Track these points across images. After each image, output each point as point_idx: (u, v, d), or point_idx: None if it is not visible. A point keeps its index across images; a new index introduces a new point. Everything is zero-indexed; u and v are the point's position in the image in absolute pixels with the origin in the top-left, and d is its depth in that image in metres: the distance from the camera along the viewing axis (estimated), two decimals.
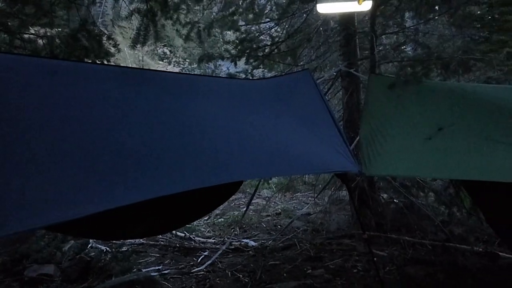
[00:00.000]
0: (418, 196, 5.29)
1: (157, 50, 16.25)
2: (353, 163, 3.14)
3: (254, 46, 4.78)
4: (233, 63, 5.09)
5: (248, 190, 7.56)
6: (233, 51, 4.94)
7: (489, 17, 15.96)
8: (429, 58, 4.76)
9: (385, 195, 5.72)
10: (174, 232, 5.26)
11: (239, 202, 7.52)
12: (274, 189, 7.64)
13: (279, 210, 6.98)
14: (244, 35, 4.85)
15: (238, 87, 3.94)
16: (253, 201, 7.59)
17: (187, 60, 15.81)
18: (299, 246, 4.97)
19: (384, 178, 5.41)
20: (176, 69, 14.49)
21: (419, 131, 3.25)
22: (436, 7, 5.40)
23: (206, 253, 4.89)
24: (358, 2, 3.23)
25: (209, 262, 4.52)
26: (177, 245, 5.10)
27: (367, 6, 3.45)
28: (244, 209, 7.05)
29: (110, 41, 4.18)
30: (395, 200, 5.49)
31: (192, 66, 14.70)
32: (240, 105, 3.54)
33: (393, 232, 5.13)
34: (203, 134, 2.86)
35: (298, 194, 7.97)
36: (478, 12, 16.20)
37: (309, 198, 7.43)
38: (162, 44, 15.77)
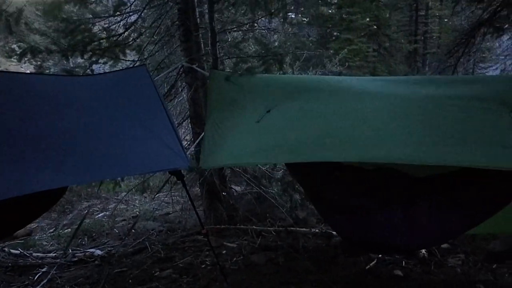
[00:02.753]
0: (267, 186, 5.55)
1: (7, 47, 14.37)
2: (184, 159, 3.10)
3: (87, 39, 4.44)
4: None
5: (104, 195, 7.13)
6: (64, 45, 4.52)
7: (339, 17, 17.59)
8: (266, 54, 5.00)
9: (237, 188, 5.90)
10: (6, 249, 4.67)
11: (93, 209, 7.03)
12: (133, 190, 7.31)
13: (137, 212, 6.71)
14: (73, 25, 4.44)
15: (69, 84, 3.66)
16: (108, 206, 7.20)
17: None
18: (151, 249, 4.81)
19: (235, 171, 5.57)
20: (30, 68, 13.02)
21: (252, 117, 3.34)
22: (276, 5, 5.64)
23: (44, 270, 4.42)
24: None
25: (46, 279, 4.10)
26: (10, 264, 4.53)
27: None
28: (97, 215, 6.66)
29: None
30: (247, 192, 5.70)
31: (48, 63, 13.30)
32: (69, 103, 3.30)
33: (245, 223, 5.30)
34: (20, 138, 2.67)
35: (160, 194, 7.77)
36: (329, 11, 17.67)
37: (172, 197, 7.27)
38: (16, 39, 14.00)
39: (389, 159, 2.72)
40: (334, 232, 4.71)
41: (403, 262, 4.09)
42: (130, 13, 4.88)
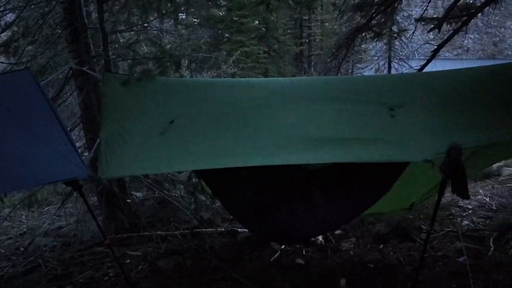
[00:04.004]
0: (171, 190, 5.47)
1: None
2: (81, 168, 2.91)
3: None
4: None
5: None
6: None
7: (229, 19, 17.95)
8: (163, 56, 4.93)
9: (138, 194, 5.71)
10: None
11: None
12: (19, 205, 6.60)
13: (24, 229, 6.09)
14: None
15: None
16: None
17: None
18: (45, 266, 4.42)
19: (136, 177, 5.38)
20: None
21: (154, 126, 3.27)
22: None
23: None
24: None
25: None
26: None
27: None
28: None
29: None
30: (149, 197, 5.55)
31: None
32: None
33: (149, 229, 5.17)
34: None
35: (51, 207, 7.16)
36: (220, 13, 17.90)
37: (65, 210, 6.72)
38: None
39: (290, 162, 2.93)
40: (239, 229, 4.86)
41: (303, 250, 4.38)
42: (6, 12, 4.40)
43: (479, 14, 4.79)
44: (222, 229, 4.96)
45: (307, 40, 20.43)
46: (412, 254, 4.24)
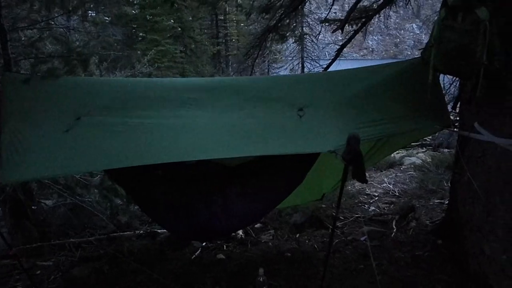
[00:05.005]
0: (84, 195, 5.22)
1: None
2: None
3: None
4: None
5: None
6: None
7: (143, 18, 17.50)
8: (69, 55, 4.69)
9: (48, 201, 5.37)
10: None
11: None
12: None
13: None
14: None
15: None
16: None
17: None
18: None
19: (44, 183, 5.05)
20: None
21: (58, 124, 3.10)
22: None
23: None
24: None
25: None
26: None
27: None
28: None
29: None
30: (60, 204, 5.24)
31: None
32: None
33: (61, 237, 4.89)
34: None
35: None
36: (133, 12, 17.39)
37: None
38: None
39: (202, 157, 2.98)
40: (159, 230, 4.80)
41: (225, 246, 4.47)
42: None
43: (378, 16, 5.25)
44: (141, 232, 4.85)
45: (223, 40, 20.60)
46: (325, 241, 4.53)
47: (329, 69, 5.17)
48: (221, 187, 3.77)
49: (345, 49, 5.24)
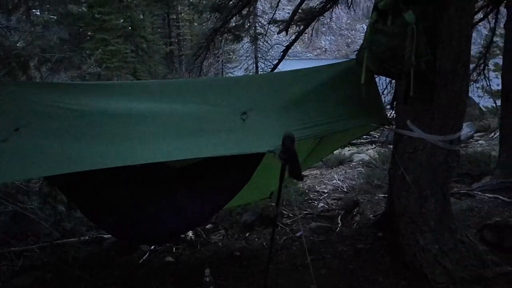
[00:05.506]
0: (25, 202, 5.01)
1: None
2: None
3: None
4: None
5: None
6: None
7: (91, 17, 16.92)
8: (7, 57, 4.49)
9: None
10: None
11: None
12: None
13: None
14: None
15: None
16: None
17: None
18: None
19: None
20: None
21: None
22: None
23: None
24: None
25: None
26: None
27: None
28: None
29: None
30: (0, 212, 5.00)
31: None
32: None
33: (1, 246, 4.67)
34: None
35: None
36: (80, 10, 16.75)
37: None
38: None
39: (148, 160, 2.95)
40: (105, 236, 4.69)
41: (174, 248, 4.44)
42: None
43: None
44: (87, 238, 4.72)
45: (176, 40, 20.34)
46: (275, 238, 4.60)
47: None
48: (168, 189, 3.75)
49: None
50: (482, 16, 7.43)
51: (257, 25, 16.28)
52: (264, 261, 3.94)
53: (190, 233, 4.67)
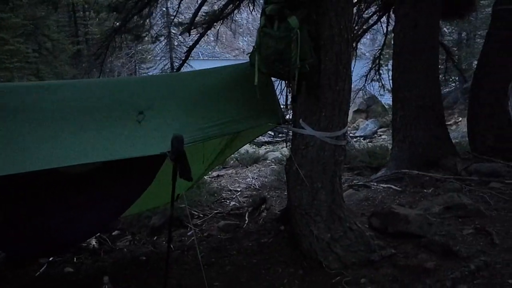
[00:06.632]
0: None
1: None
2: None
3: None
4: None
5: None
6: None
7: None
8: None
9: None
10: None
11: None
12: None
13: None
14: None
15: None
16: None
17: None
18: None
19: None
20: None
21: None
22: None
23: None
24: None
25: None
26: None
27: None
28: None
29: None
30: None
31: None
32: None
33: None
34: None
35: None
36: None
37: None
38: None
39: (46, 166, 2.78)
40: None
41: (74, 258, 4.23)
42: None
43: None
44: None
45: (84, 39, 19.27)
46: (183, 239, 4.61)
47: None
48: (64, 197, 3.58)
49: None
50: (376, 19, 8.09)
51: (171, 24, 16.04)
52: (170, 264, 3.94)
53: (93, 241, 4.49)
